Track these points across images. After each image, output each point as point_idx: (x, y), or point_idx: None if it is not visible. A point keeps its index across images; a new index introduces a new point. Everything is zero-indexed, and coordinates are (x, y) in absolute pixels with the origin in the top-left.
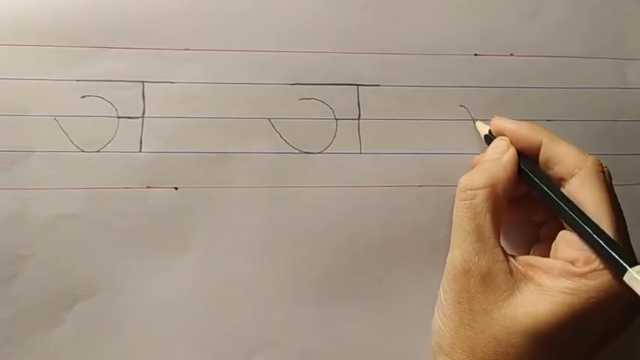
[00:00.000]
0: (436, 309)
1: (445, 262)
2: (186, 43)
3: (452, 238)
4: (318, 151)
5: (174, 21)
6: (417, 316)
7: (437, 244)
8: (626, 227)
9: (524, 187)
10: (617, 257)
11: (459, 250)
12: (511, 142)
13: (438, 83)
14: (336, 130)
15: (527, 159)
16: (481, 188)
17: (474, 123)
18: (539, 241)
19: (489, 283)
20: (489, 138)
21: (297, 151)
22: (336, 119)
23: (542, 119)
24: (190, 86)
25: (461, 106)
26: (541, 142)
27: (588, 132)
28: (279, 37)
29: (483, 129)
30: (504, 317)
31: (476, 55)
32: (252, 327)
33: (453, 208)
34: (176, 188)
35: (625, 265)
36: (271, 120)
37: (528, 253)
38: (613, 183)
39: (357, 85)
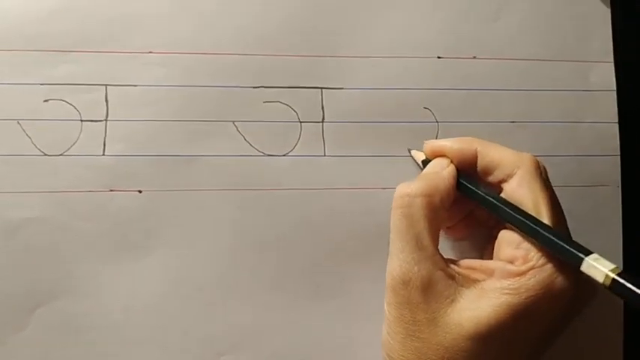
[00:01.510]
0: (383, 325)
1: None
2: (150, 46)
3: (390, 248)
4: (283, 154)
5: (137, 24)
6: (383, 316)
7: None
8: (566, 223)
9: (469, 205)
10: (571, 248)
11: (397, 260)
12: (450, 160)
13: (402, 85)
14: (301, 133)
15: (466, 173)
16: (418, 196)
17: (409, 152)
18: (490, 245)
19: (431, 292)
20: (427, 162)
21: (262, 154)
22: (301, 122)
23: (505, 121)
24: (154, 89)
25: (425, 108)
26: (476, 151)
27: (551, 134)
28: (243, 40)
29: (419, 156)
30: (449, 324)
31: (439, 57)
32: (219, 330)
33: None
34: (140, 191)
35: (580, 254)
36: (235, 123)
37: (482, 257)
38: (576, 184)
39: (321, 88)
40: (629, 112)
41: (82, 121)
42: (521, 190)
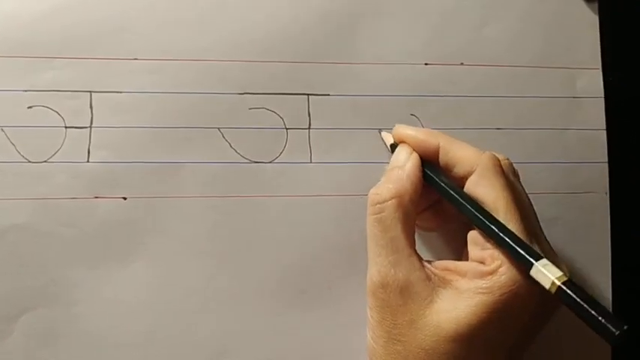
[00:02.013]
0: (367, 329)
1: None
2: (135, 53)
3: (368, 254)
4: (269, 161)
5: (122, 30)
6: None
7: None
8: (535, 220)
9: (435, 194)
10: (521, 252)
11: (375, 265)
12: (414, 149)
13: (389, 92)
14: (287, 140)
15: (430, 164)
16: (388, 200)
17: (380, 133)
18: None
19: (409, 294)
20: (395, 146)
21: (247, 161)
22: (287, 129)
23: (492, 127)
24: (138, 96)
25: (412, 115)
26: (438, 145)
27: (538, 141)
28: (229, 46)
29: (388, 138)
30: (428, 325)
31: (426, 64)
32: (203, 338)
33: None
34: (125, 198)
35: (530, 259)
36: (221, 129)
37: (461, 257)
38: (564, 191)
39: (308, 94)
40: (616, 118)
41: (66, 127)
42: (479, 188)
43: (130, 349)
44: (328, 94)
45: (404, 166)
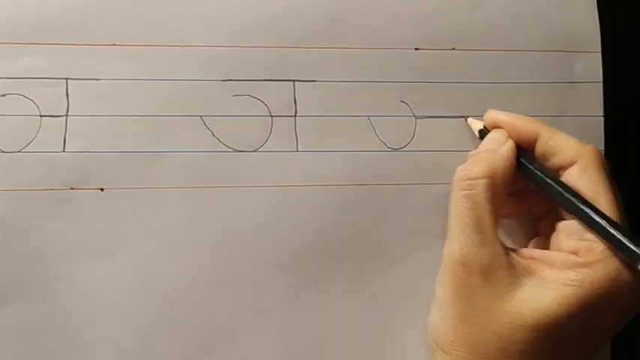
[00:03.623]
0: (432, 304)
1: (386, 262)
2: (113, 39)
3: (449, 229)
4: (253, 150)
5: (100, 15)
6: (356, 319)
7: (378, 244)
8: (627, 221)
9: (521, 181)
10: (630, 245)
11: (458, 242)
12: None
13: (378, 78)
14: (272, 128)
15: (525, 151)
16: (480, 178)
17: (466, 120)
18: (538, 235)
19: (490, 277)
20: (484, 132)
21: (231, 150)
22: (272, 116)
23: None
24: (117, 83)
25: (402, 101)
26: (538, 134)
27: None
28: (212, 31)
29: (476, 125)
30: (507, 313)
31: (417, 49)
32: (183, 334)
33: (392, 208)
34: (102, 189)
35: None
36: (203, 117)
37: (527, 246)
38: None
39: (294, 80)
40: (615, 105)
41: (41, 116)
42: (581, 181)
43: (108, 345)
44: (315, 81)
45: (499, 148)
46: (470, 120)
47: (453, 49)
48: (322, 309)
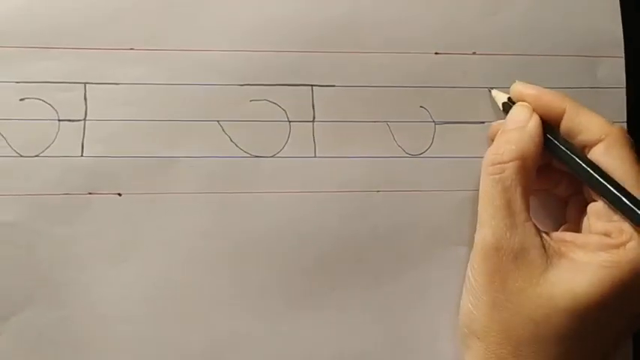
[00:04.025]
0: (464, 291)
1: (404, 269)
2: (131, 43)
3: (479, 215)
4: (270, 155)
5: (118, 20)
6: (374, 326)
7: (396, 251)
8: None
9: (545, 157)
10: None
11: (489, 227)
12: (533, 109)
13: (397, 83)
14: (290, 133)
15: (551, 127)
16: (510, 161)
17: (490, 92)
18: (565, 222)
19: (523, 260)
20: (508, 105)
21: (248, 155)
22: (290, 121)
23: None
24: (135, 87)
25: (421, 107)
26: (564, 109)
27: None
28: (229, 35)
29: (501, 97)
30: (540, 296)
31: (436, 53)
32: (198, 341)
33: (411, 215)
34: (119, 194)
35: None
36: (220, 122)
37: (562, 227)
38: None
39: (312, 85)
40: (638, 111)
41: (59, 120)
42: (607, 158)
43: (121, 352)
44: (333, 85)
45: (525, 126)
46: (494, 92)
47: (474, 53)
48: (340, 315)
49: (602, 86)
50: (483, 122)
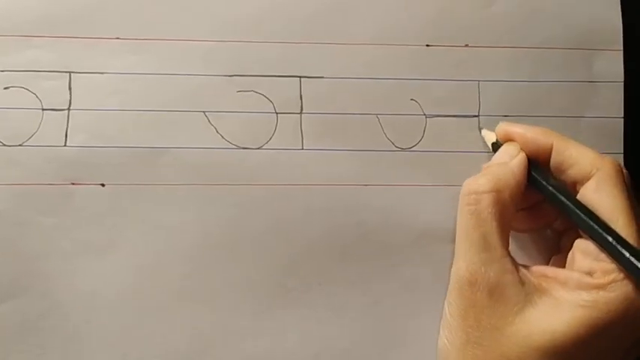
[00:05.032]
0: (441, 326)
1: (392, 265)
2: (117, 32)
3: (456, 247)
4: (257, 147)
5: (104, 9)
6: (361, 321)
7: (384, 246)
8: None
9: (538, 195)
10: None
11: (464, 260)
12: (521, 148)
13: (387, 75)
14: (277, 125)
15: (538, 165)
16: (486, 192)
17: (480, 131)
18: (559, 252)
19: (498, 296)
20: (497, 146)
21: (234, 147)
22: (277, 113)
23: (499, 115)
24: (120, 77)
25: (412, 99)
26: (552, 145)
27: (550, 129)
28: (217, 26)
29: (490, 137)
30: (516, 334)
31: (428, 45)
32: (183, 335)
33: (400, 208)
34: (103, 185)
35: None
36: (207, 113)
37: (548, 264)
38: None
39: (300, 77)
40: (636, 106)
41: (43, 109)
42: (598, 195)
43: (106, 343)
44: (322, 77)
45: (509, 162)
46: (484, 132)
47: (466, 45)
48: (326, 311)
49: (600, 80)
50: (475, 116)
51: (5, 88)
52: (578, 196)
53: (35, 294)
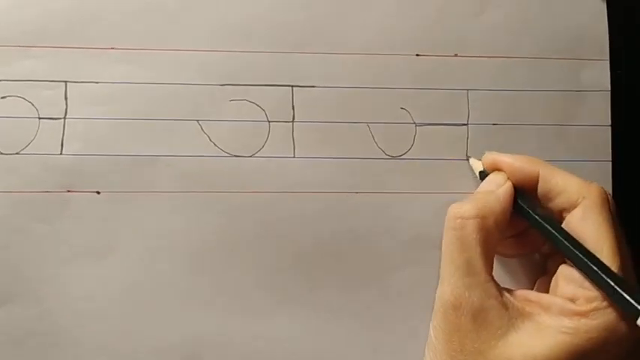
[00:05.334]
0: (426, 348)
1: (382, 272)
2: (112, 42)
3: (441, 271)
4: (249, 155)
5: (99, 19)
6: (352, 326)
7: (374, 254)
8: (632, 263)
9: (525, 222)
10: (630, 299)
11: (448, 285)
12: (508, 177)
13: (378, 84)
14: (269, 133)
15: (524, 193)
16: (472, 218)
17: (468, 160)
18: (545, 274)
19: (481, 321)
20: (484, 174)
21: (227, 155)
22: (269, 121)
23: (488, 123)
24: (115, 86)
25: (402, 108)
26: (538, 173)
27: (538, 137)
28: (210, 35)
29: (477, 165)
30: (498, 358)
31: (418, 55)
32: (176, 340)
33: (390, 215)
34: (98, 192)
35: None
36: (200, 122)
37: (534, 286)
38: None
39: (292, 86)
40: (623, 114)
41: (39, 118)
42: (584, 223)
43: (99, 349)
44: (314, 86)
45: (495, 190)
46: (472, 160)
47: (456, 55)
48: (317, 316)
49: (587, 89)
50: (464, 124)
51: (2, 98)
52: (564, 224)
53: (31, 300)
